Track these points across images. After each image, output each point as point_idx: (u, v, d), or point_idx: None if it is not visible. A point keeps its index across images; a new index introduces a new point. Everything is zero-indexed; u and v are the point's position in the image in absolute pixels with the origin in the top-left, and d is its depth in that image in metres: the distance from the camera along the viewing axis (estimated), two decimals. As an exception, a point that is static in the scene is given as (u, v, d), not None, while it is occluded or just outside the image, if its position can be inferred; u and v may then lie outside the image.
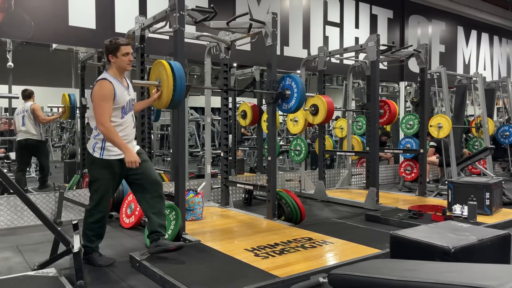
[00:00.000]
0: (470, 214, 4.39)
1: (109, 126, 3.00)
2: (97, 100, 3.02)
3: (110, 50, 3.14)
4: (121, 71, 3.19)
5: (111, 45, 3.14)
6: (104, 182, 3.14)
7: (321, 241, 3.63)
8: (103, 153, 3.10)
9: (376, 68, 5.38)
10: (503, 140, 8.21)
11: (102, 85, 3.03)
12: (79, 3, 5.20)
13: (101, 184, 3.14)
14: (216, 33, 5.03)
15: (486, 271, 1.73)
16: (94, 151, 3.11)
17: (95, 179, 3.15)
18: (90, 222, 3.20)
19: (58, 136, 10.99)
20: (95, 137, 3.12)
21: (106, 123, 2.99)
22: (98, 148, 3.10)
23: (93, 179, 3.16)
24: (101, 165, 3.11)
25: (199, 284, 2.69)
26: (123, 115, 3.15)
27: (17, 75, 6.96)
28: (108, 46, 3.15)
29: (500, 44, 11.52)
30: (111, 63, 3.16)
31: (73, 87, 6.18)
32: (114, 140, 3.01)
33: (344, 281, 1.84)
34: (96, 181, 3.15)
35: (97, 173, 3.13)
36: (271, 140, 4.59)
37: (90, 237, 3.22)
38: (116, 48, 3.13)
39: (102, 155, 3.10)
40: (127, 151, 3.02)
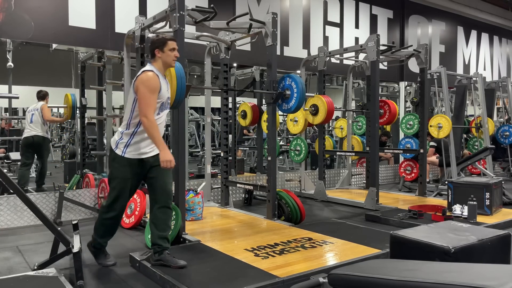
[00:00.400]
0: (470, 214, 4.39)
1: (153, 119, 2.92)
2: (144, 90, 2.92)
3: (157, 44, 3.08)
4: (166, 66, 3.13)
5: (159, 39, 3.09)
6: (122, 181, 3.05)
7: (321, 241, 3.63)
8: (125, 151, 3.01)
9: (376, 68, 5.38)
10: (503, 140, 8.21)
11: (150, 77, 2.96)
12: (79, 3, 5.20)
13: (119, 182, 3.05)
14: (216, 33, 5.03)
15: (486, 271, 1.73)
16: (117, 147, 3.03)
17: (114, 177, 3.07)
18: (104, 218, 3.13)
19: (58, 136, 11.00)
20: (122, 132, 3.04)
21: (150, 115, 2.90)
22: (122, 144, 3.02)
23: (112, 176, 3.09)
24: (121, 163, 3.03)
25: (199, 284, 2.69)
26: (159, 112, 3.07)
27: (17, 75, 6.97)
28: (155, 40, 3.10)
29: (500, 44, 11.52)
30: (156, 58, 3.09)
31: (73, 87, 6.18)
32: (155, 136, 2.92)
33: (344, 281, 1.84)
34: (114, 179, 3.07)
35: (117, 171, 3.06)
36: (271, 140, 4.59)
37: (101, 232, 3.18)
38: (163, 43, 3.07)
39: (124, 153, 3.01)
40: (164, 149, 2.92)
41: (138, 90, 2.94)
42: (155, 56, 3.09)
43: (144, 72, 2.99)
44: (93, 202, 5.01)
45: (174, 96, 3.35)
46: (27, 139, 5.90)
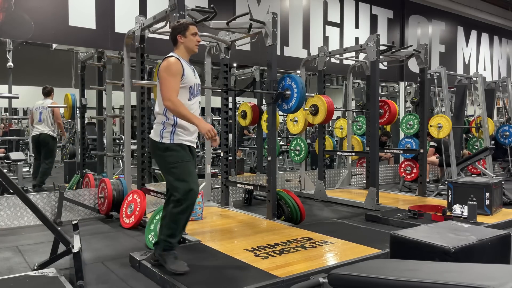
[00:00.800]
0: (470, 214, 4.39)
1: (176, 100, 2.82)
2: (164, 74, 2.86)
3: (178, 29, 3.01)
4: (189, 52, 3.05)
5: (180, 25, 3.03)
6: (185, 164, 2.89)
7: (321, 241, 3.63)
8: (173, 138, 2.90)
9: (376, 68, 5.38)
10: (503, 140, 8.21)
11: (169, 61, 2.89)
12: (79, 3, 5.20)
13: (183, 166, 2.88)
14: (216, 33, 5.03)
15: (486, 271, 1.73)
16: (163, 137, 2.90)
17: (174, 165, 2.88)
18: (177, 212, 2.87)
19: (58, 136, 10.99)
20: (163, 123, 2.91)
21: (172, 97, 2.81)
22: (168, 133, 2.90)
23: (172, 165, 2.88)
24: (175, 149, 2.89)
25: (199, 284, 2.69)
26: (190, 97, 2.98)
27: (17, 75, 6.98)
28: (176, 26, 3.04)
29: (500, 44, 11.52)
30: (179, 44, 3.02)
31: (73, 87, 6.19)
32: (184, 114, 2.81)
33: (344, 281, 1.84)
34: (176, 167, 2.87)
35: (174, 158, 2.88)
36: (271, 140, 4.59)
37: (174, 230, 2.91)
38: (185, 28, 3.00)
39: (172, 139, 2.90)
40: (200, 121, 2.84)
41: (160, 75, 2.89)
42: (177, 42, 3.02)
43: (165, 59, 2.94)
44: (93, 202, 5.01)
45: (174, 96, 3.34)
46: (34, 138, 6.00)
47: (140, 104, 4.82)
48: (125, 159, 4.98)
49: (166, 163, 2.92)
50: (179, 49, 3.04)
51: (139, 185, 4.74)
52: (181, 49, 3.04)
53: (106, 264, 3.29)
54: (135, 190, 4.64)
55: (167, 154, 2.90)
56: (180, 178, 2.86)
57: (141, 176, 4.76)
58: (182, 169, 2.88)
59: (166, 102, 2.83)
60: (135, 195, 4.50)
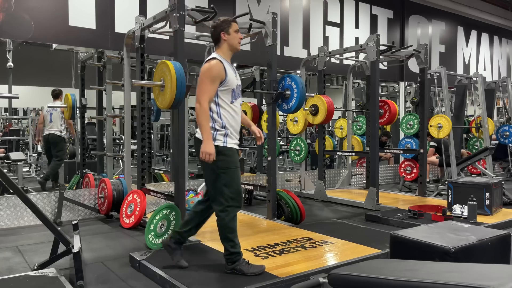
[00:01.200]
0: (470, 214, 4.39)
1: (206, 107, 2.77)
2: (203, 77, 2.80)
3: (222, 26, 2.92)
4: (232, 50, 2.99)
5: (224, 21, 2.94)
6: (235, 171, 2.84)
7: (321, 241, 3.63)
8: (226, 141, 2.84)
9: (376, 68, 5.38)
10: (503, 140, 8.21)
11: (212, 65, 2.82)
12: (79, 3, 5.20)
13: (233, 173, 2.83)
14: (216, 33, 5.03)
15: (486, 271, 1.73)
16: (215, 139, 2.81)
17: (224, 170, 2.80)
18: (229, 221, 2.81)
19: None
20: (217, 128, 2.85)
21: (204, 102, 2.76)
22: (221, 135, 2.83)
23: (221, 170, 2.80)
24: (227, 154, 2.83)
25: (199, 284, 2.69)
26: (233, 100, 2.90)
27: (17, 75, 6.97)
28: (219, 23, 2.94)
29: (500, 44, 11.52)
30: (222, 42, 2.94)
31: (73, 87, 6.18)
32: (203, 124, 2.76)
33: (344, 281, 1.84)
34: (225, 173, 2.80)
35: (225, 163, 2.81)
36: (271, 140, 4.59)
37: (233, 240, 2.83)
38: (229, 24, 2.92)
39: (226, 143, 2.83)
40: (208, 140, 2.75)
41: (199, 77, 2.83)
42: (220, 40, 2.94)
43: (207, 61, 2.87)
44: (93, 202, 5.01)
45: (174, 96, 3.35)
46: (44, 138, 6.40)
47: (140, 104, 4.82)
48: (125, 159, 4.98)
49: (216, 167, 2.81)
50: (221, 49, 2.96)
51: (139, 185, 4.74)
52: (224, 48, 2.97)
53: (106, 264, 3.29)
54: (135, 190, 4.64)
55: (218, 158, 2.79)
56: (228, 184, 2.81)
57: (141, 176, 4.76)
58: (231, 175, 2.83)
59: (197, 104, 2.78)
60: (135, 195, 4.50)
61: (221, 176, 2.80)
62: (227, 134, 2.85)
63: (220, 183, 2.81)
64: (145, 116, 4.93)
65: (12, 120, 10.63)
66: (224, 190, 2.80)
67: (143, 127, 4.85)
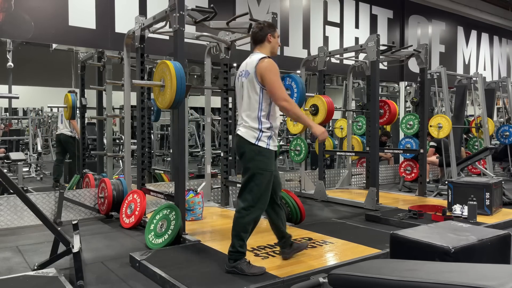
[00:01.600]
0: (470, 214, 4.39)
1: (291, 100, 2.86)
2: (273, 75, 2.81)
3: (270, 29, 3.00)
4: (272, 53, 3.03)
5: (270, 24, 3.03)
6: (269, 174, 2.87)
7: (321, 241, 3.63)
8: (270, 143, 2.87)
9: (376, 68, 5.38)
10: (503, 140, 8.21)
11: (271, 62, 2.86)
12: (79, 3, 5.20)
13: (266, 176, 2.85)
14: (216, 33, 5.03)
15: (486, 271, 1.73)
16: (260, 140, 2.84)
17: (261, 172, 2.83)
18: (246, 222, 2.86)
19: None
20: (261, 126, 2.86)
21: (287, 97, 2.83)
22: (266, 137, 2.86)
23: (258, 171, 2.83)
24: (267, 156, 2.85)
25: (199, 284, 2.69)
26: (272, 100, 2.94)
27: (17, 75, 6.96)
28: (267, 26, 3.01)
29: (500, 44, 11.52)
30: (266, 43, 2.99)
31: (73, 87, 6.18)
32: (300, 115, 2.88)
33: (344, 281, 1.84)
34: (261, 174, 2.83)
35: (264, 164, 2.84)
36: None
37: (244, 240, 2.87)
38: (274, 29, 3.01)
39: (269, 145, 2.87)
40: (315, 124, 2.95)
41: (265, 77, 2.81)
42: (265, 41, 2.98)
43: (262, 59, 2.86)
44: (93, 202, 5.01)
45: (174, 96, 3.35)
46: (56, 137, 6.69)
47: (140, 104, 4.82)
48: (125, 159, 4.98)
49: (255, 167, 2.85)
50: (264, 49, 2.99)
51: (139, 185, 4.74)
52: (267, 49, 3.00)
53: (106, 264, 3.29)
54: (135, 190, 4.64)
55: (258, 158, 2.85)
56: (260, 185, 2.85)
57: (141, 176, 4.76)
58: (266, 177, 2.86)
59: (283, 102, 2.81)
60: (135, 195, 4.50)
61: (256, 176, 2.84)
62: (271, 137, 2.90)
63: (253, 182, 2.84)
64: (145, 116, 4.93)
65: (12, 120, 10.63)
66: (254, 190, 2.84)
67: (143, 127, 4.85)
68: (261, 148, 2.84)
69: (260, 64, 2.84)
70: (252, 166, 2.85)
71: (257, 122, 2.86)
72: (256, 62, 2.86)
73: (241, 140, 2.89)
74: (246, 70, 2.94)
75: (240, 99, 2.98)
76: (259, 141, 2.85)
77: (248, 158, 2.87)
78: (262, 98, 2.86)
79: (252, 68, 2.87)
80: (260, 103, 2.87)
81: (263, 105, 2.87)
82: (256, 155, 2.84)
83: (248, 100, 2.91)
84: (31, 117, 9.56)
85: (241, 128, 2.91)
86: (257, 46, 3.01)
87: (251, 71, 2.88)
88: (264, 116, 2.88)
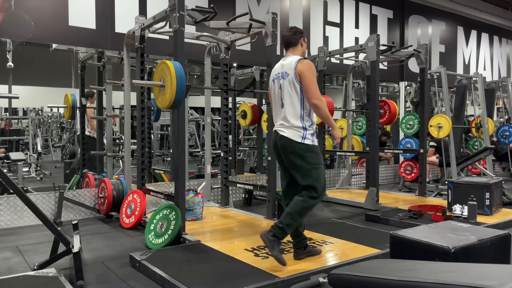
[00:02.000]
0: (470, 214, 4.39)
1: (323, 99, 3.10)
2: (310, 75, 3.03)
3: (303, 34, 3.26)
4: (303, 56, 3.27)
5: (301, 30, 3.27)
6: (322, 167, 3.12)
7: (321, 241, 3.63)
8: (314, 140, 3.09)
9: (376, 68, 5.38)
10: (503, 140, 8.21)
11: (310, 62, 3.11)
12: (79, 3, 5.20)
13: (320, 169, 3.08)
14: (216, 33, 5.03)
15: (486, 271, 1.73)
16: (306, 138, 3.04)
17: (317, 165, 3.05)
18: (307, 206, 3.01)
19: (58, 136, 11.00)
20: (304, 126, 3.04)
21: (321, 96, 3.07)
22: (310, 135, 3.07)
23: (315, 166, 3.04)
24: (316, 151, 3.08)
25: (199, 284, 2.69)
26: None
27: (17, 75, 6.96)
28: (300, 31, 3.26)
29: (500, 44, 11.52)
30: (299, 46, 3.23)
31: (73, 87, 6.18)
32: (329, 115, 3.12)
33: (344, 281, 1.84)
34: (318, 168, 3.05)
35: (317, 159, 3.07)
36: (271, 140, 4.58)
37: (294, 222, 3.00)
38: (304, 34, 3.28)
39: (313, 141, 3.08)
40: (336, 128, 3.23)
41: (304, 76, 3.01)
42: (298, 45, 3.22)
43: (301, 60, 3.07)
44: (93, 202, 5.01)
45: (174, 96, 3.35)
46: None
47: (140, 104, 4.82)
48: (125, 159, 4.98)
49: (307, 163, 3.03)
50: (298, 52, 3.22)
51: (139, 185, 4.74)
52: (300, 52, 3.22)
53: (106, 264, 3.29)
54: (135, 190, 4.65)
55: (308, 155, 3.03)
56: (317, 179, 3.03)
57: (141, 176, 4.77)
58: (319, 170, 3.06)
59: (317, 101, 3.01)
60: (135, 195, 4.50)
61: (312, 171, 3.03)
62: (313, 133, 3.11)
63: (314, 175, 3.03)
64: (145, 116, 4.93)
65: (12, 120, 10.63)
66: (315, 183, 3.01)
67: (143, 127, 4.85)
68: (308, 145, 3.04)
69: (300, 64, 3.04)
70: (309, 162, 3.04)
71: (300, 120, 3.05)
72: (296, 62, 3.06)
73: (287, 141, 3.06)
74: (283, 71, 3.12)
75: (279, 100, 3.16)
76: (305, 139, 3.04)
77: (298, 156, 3.04)
78: (303, 96, 3.05)
79: (291, 69, 3.06)
80: (301, 101, 3.06)
81: (304, 103, 3.06)
82: (306, 152, 3.03)
83: (289, 100, 3.08)
84: (31, 117, 9.56)
85: (284, 130, 3.09)
86: (290, 49, 3.23)
87: (290, 72, 3.07)
88: (306, 114, 3.07)
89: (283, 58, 3.22)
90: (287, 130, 3.06)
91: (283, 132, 3.08)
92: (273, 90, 3.24)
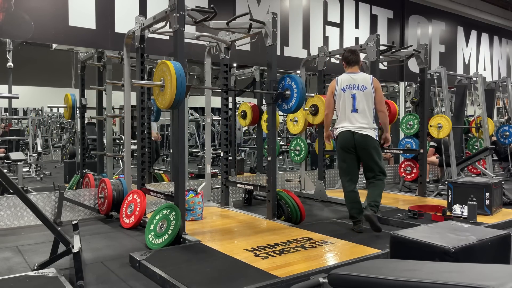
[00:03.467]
0: (470, 214, 4.39)
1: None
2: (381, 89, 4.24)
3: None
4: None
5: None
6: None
7: (321, 241, 3.63)
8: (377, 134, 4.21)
9: (376, 68, 5.39)
10: (503, 140, 8.21)
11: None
12: (79, 3, 5.20)
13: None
14: (216, 33, 5.03)
15: (486, 271, 1.73)
16: (377, 136, 4.17)
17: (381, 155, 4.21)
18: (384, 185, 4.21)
19: (58, 136, 11.00)
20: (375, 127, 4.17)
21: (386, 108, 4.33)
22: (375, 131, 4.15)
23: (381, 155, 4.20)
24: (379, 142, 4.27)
25: (199, 284, 2.69)
26: None
27: (17, 75, 6.96)
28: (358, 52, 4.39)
29: (500, 44, 11.52)
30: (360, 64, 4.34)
31: (73, 87, 6.18)
32: (388, 121, 4.31)
33: (344, 281, 1.84)
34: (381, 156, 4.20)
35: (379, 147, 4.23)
36: (271, 140, 4.59)
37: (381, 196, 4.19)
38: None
39: (377, 136, 4.18)
40: (389, 131, 4.38)
41: (378, 90, 4.19)
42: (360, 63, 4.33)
43: (374, 77, 4.24)
44: (93, 202, 5.01)
45: (174, 96, 3.35)
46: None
47: (140, 104, 4.82)
48: (125, 159, 4.98)
49: (379, 154, 4.17)
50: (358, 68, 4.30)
51: (139, 185, 4.74)
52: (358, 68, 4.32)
53: (106, 264, 3.29)
54: (135, 190, 4.65)
55: (379, 148, 4.21)
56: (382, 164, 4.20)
57: (141, 176, 4.77)
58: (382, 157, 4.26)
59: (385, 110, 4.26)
60: (135, 195, 4.50)
61: (381, 159, 4.19)
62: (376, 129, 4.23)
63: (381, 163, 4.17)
64: (145, 116, 4.93)
65: (12, 120, 10.63)
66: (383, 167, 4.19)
67: (143, 127, 4.85)
68: (378, 142, 4.22)
69: (375, 81, 4.21)
70: (379, 154, 4.17)
71: (374, 123, 4.16)
72: (371, 79, 4.18)
73: (370, 138, 4.10)
74: (358, 84, 4.14)
75: (350, 106, 4.15)
76: (376, 137, 4.16)
77: (375, 149, 4.14)
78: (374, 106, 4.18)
79: (368, 83, 4.15)
80: (374, 109, 4.17)
81: (374, 111, 4.18)
82: (379, 146, 4.22)
83: (367, 108, 4.12)
84: (31, 117, 9.56)
85: (365, 130, 4.08)
86: (354, 66, 4.28)
87: (368, 86, 4.14)
88: (374, 119, 4.18)
89: (349, 72, 4.26)
90: (368, 131, 4.07)
91: (365, 131, 4.07)
92: (342, 97, 4.20)
